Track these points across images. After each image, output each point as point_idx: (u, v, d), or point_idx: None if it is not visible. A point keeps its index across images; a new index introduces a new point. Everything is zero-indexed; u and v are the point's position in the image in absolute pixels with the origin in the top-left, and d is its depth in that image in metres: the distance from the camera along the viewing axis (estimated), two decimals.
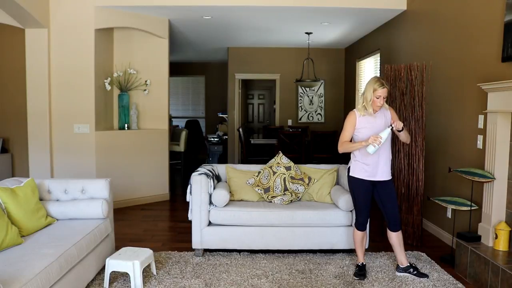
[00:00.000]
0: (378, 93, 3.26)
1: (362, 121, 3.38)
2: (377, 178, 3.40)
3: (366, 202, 3.45)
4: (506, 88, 3.29)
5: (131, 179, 5.98)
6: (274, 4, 5.52)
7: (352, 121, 3.40)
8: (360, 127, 3.38)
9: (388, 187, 3.45)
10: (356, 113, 3.42)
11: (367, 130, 3.35)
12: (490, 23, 3.69)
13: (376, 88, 3.27)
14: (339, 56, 9.35)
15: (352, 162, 3.48)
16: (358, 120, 3.38)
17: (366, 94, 3.32)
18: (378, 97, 3.27)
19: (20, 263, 2.50)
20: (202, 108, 12.47)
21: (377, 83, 3.27)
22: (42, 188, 3.59)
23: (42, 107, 5.40)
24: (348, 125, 3.41)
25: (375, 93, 3.27)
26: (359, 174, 3.41)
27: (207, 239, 3.89)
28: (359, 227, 3.50)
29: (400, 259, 3.52)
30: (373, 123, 3.37)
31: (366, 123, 3.38)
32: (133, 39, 6.24)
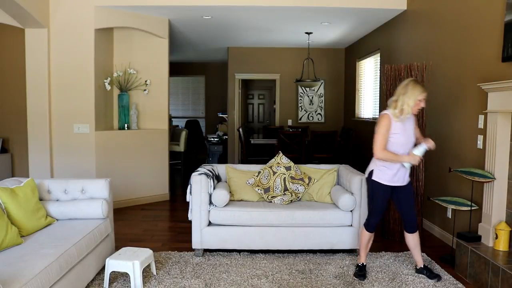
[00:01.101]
0: (422, 97, 3.22)
1: (396, 126, 3.30)
2: (398, 184, 3.39)
3: (383, 206, 3.44)
4: (506, 88, 3.29)
5: (131, 179, 5.98)
6: (274, 4, 5.52)
7: (387, 125, 3.28)
8: (394, 132, 3.29)
9: (407, 190, 3.44)
10: (390, 116, 3.29)
11: (399, 136, 3.29)
12: (490, 23, 3.69)
13: (421, 92, 3.22)
14: (339, 56, 9.35)
15: (376, 166, 3.40)
16: (393, 125, 3.29)
17: (406, 98, 3.21)
18: (421, 100, 3.23)
19: (20, 263, 2.50)
20: (202, 108, 12.47)
21: (419, 87, 3.22)
22: (42, 188, 3.58)
23: (42, 107, 5.40)
24: (385, 129, 3.28)
25: (420, 97, 3.21)
26: (383, 179, 3.37)
27: (207, 239, 3.89)
28: (369, 228, 3.48)
29: (416, 259, 3.54)
30: (405, 129, 3.32)
31: (399, 129, 3.30)
32: (133, 39, 6.24)
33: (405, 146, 3.33)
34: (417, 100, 3.22)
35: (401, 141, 3.30)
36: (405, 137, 3.30)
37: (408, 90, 3.22)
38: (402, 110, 3.24)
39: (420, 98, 3.22)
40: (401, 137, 3.29)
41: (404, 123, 3.30)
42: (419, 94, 3.21)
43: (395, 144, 3.30)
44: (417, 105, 3.24)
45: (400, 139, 3.29)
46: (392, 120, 3.28)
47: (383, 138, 3.28)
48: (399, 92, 3.27)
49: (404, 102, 3.23)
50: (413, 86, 3.21)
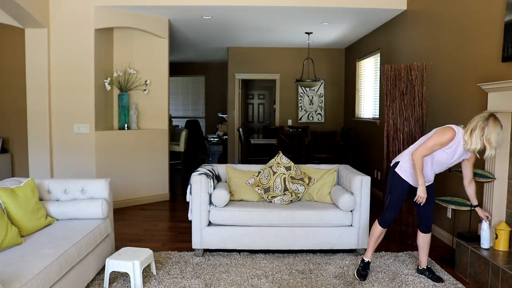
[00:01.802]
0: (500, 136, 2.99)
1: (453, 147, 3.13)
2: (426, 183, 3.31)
3: (399, 201, 3.38)
4: (506, 88, 3.28)
5: (131, 179, 5.98)
6: (274, 4, 5.52)
7: (448, 140, 3.09)
8: (446, 150, 3.15)
9: (429, 190, 3.35)
10: (457, 135, 3.08)
11: (444, 156, 3.17)
12: (490, 23, 3.69)
13: (498, 132, 2.98)
14: (339, 56, 9.35)
15: (404, 160, 3.33)
16: (453, 144, 3.10)
17: (489, 136, 2.95)
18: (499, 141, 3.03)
19: (20, 263, 2.50)
20: (202, 108, 12.47)
21: (500, 125, 2.99)
22: (42, 188, 3.58)
23: (42, 107, 5.40)
24: (442, 141, 3.10)
25: (500, 138, 2.99)
26: (406, 176, 3.31)
27: (207, 239, 3.89)
28: (383, 224, 3.42)
29: (421, 259, 3.52)
30: (458, 155, 3.17)
31: (451, 150, 3.14)
32: (133, 39, 6.24)
33: (440, 166, 3.26)
34: (499, 140, 2.98)
35: (442, 161, 3.20)
36: (448, 160, 3.19)
37: (491, 127, 2.96)
38: (477, 144, 3.00)
39: (500, 137, 2.98)
40: (445, 158, 3.18)
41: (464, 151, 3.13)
42: (499, 132, 2.97)
43: (435, 160, 3.22)
44: (498, 144, 2.99)
45: (442, 158, 3.19)
46: (457, 138, 3.09)
47: (432, 147, 3.14)
48: (477, 123, 3.01)
49: (484, 137, 2.97)
50: (495, 124, 2.97)
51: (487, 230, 3.37)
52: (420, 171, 3.16)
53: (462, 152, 3.15)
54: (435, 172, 3.32)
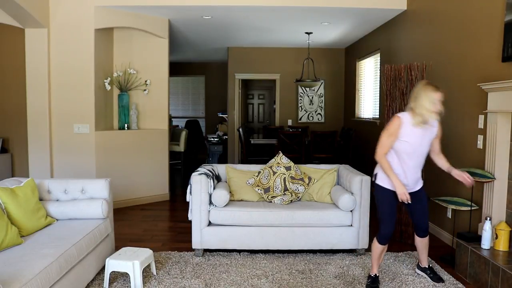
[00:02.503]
0: (437, 97, 2.96)
1: (406, 133, 3.04)
2: (409, 190, 3.16)
3: (391, 212, 3.18)
4: (506, 88, 3.29)
5: (131, 179, 5.98)
6: (274, 4, 5.52)
7: (396, 128, 3.03)
8: (402, 139, 3.05)
9: (418, 196, 3.23)
10: (402, 119, 3.04)
11: (407, 145, 3.04)
12: (490, 23, 3.69)
13: (434, 91, 2.97)
14: (339, 56, 9.35)
15: (380, 169, 3.20)
16: (403, 130, 3.03)
17: (422, 102, 2.97)
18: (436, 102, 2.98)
19: (20, 263, 2.50)
20: (202, 108, 12.47)
21: (430, 87, 2.98)
22: (42, 188, 3.58)
23: (42, 107, 5.40)
24: (391, 131, 3.04)
25: (435, 96, 2.96)
26: (386, 183, 3.16)
27: (207, 239, 3.89)
28: (381, 240, 3.22)
29: (421, 259, 3.48)
30: (420, 137, 3.06)
31: (409, 136, 3.04)
32: (133, 39, 6.24)
33: (414, 157, 3.10)
34: (433, 101, 2.97)
35: (408, 150, 3.06)
36: (413, 148, 3.05)
37: (419, 93, 3.00)
38: (423, 115, 3.00)
39: (435, 97, 2.96)
40: (408, 147, 3.04)
41: (425, 131, 3.05)
42: (432, 93, 2.96)
43: (402, 153, 3.08)
44: (435, 106, 2.98)
45: (407, 148, 3.04)
46: (403, 124, 3.03)
47: (386, 141, 3.07)
48: (412, 97, 3.05)
49: (421, 106, 2.99)
50: (424, 87, 2.99)
51: (488, 231, 3.37)
52: (389, 170, 3.06)
53: (422, 133, 3.04)
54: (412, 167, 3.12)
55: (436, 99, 2.96)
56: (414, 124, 3.01)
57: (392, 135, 3.03)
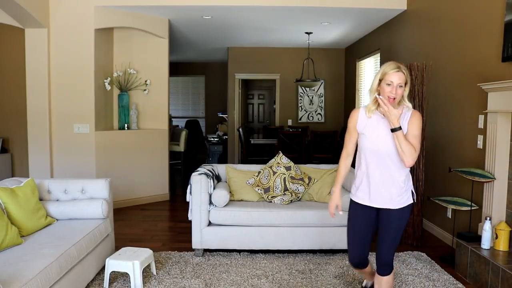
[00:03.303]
0: (389, 78, 2.33)
1: (362, 124, 2.49)
2: (373, 204, 2.50)
3: (354, 232, 2.60)
4: (506, 88, 3.29)
5: (131, 179, 5.98)
6: (274, 4, 5.52)
7: (352, 122, 2.54)
8: (362, 132, 2.50)
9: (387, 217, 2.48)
10: (359, 111, 2.53)
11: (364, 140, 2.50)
12: (490, 23, 3.69)
13: (386, 72, 2.35)
14: (339, 56, 9.35)
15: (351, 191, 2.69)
16: (359, 120, 2.50)
17: (373, 81, 2.44)
18: (389, 84, 2.34)
19: (20, 263, 2.50)
20: (202, 108, 12.47)
21: (390, 65, 2.36)
22: (42, 188, 3.58)
23: (42, 107, 5.40)
24: (349, 126, 2.57)
25: (385, 78, 2.34)
26: (352, 194, 2.63)
27: (207, 239, 3.89)
28: (352, 265, 2.72)
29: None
30: (379, 129, 2.44)
31: (365, 129, 2.48)
32: (133, 39, 6.24)
33: (379, 158, 2.44)
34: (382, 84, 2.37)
35: (369, 147, 2.46)
36: (373, 144, 2.44)
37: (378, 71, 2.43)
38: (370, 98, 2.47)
39: (387, 80, 2.34)
40: (367, 142, 2.47)
41: (384, 121, 2.41)
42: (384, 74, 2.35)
43: (364, 151, 2.50)
44: (383, 90, 2.36)
45: (366, 144, 2.47)
46: (360, 114, 2.51)
47: (346, 139, 2.61)
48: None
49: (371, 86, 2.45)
50: (383, 65, 2.41)
51: (488, 231, 3.37)
52: (338, 175, 2.66)
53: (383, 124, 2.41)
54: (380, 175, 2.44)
55: (389, 80, 2.34)
56: (367, 112, 2.47)
57: (349, 130, 2.57)
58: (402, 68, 2.34)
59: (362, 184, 2.51)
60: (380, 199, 2.47)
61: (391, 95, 2.33)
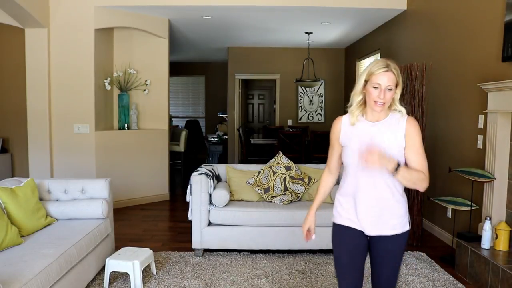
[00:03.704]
0: (376, 80, 1.90)
1: (348, 133, 2.03)
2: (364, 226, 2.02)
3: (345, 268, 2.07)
4: (506, 88, 3.29)
5: (131, 179, 5.98)
6: (274, 4, 5.52)
7: (334, 133, 2.11)
8: (346, 144, 2.04)
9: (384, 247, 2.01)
10: (342, 120, 2.10)
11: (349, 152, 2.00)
12: (490, 23, 3.69)
13: (373, 72, 1.92)
14: (339, 56, 9.35)
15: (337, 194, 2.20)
16: (343, 131, 2.06)
17: (358, 81, 2.03)
18: (376, 87, 1.90)
19: (20, 263, 2.50)
20: (202, 108, 12.47)
21: (377, 64, 1.93)
22: (42, 188, 3.58)
23: (42, 107, 5.40)
24: (331, 139, 2.15)
25: (372, 79, 1.92)
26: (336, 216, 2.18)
27: (207, 239, 3.89)
28: None
29: None
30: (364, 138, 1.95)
31: (352, 137, 2.00)
32: (133, 39, 6.24)
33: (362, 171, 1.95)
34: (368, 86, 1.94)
35: (352, 162, 1.98)
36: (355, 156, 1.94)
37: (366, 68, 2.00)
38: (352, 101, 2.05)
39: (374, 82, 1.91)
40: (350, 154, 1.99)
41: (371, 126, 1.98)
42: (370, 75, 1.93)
43: (348, 166, 2.03)
44: (369, 94, 1.94)
45: (349, 157, 2.00)
46: (342, 123, 2.09)
47: (329, 154, 2.19)
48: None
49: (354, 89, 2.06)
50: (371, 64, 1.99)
51: (488, 230, 3.37)
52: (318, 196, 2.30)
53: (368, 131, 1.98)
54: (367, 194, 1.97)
55: (376, 82, 1.91)
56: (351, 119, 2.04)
57: (332, 143, 2.15)
58: (391, 67, 1.92)
59: (348, 205, 2.06)
60: (371, 225, 1.99)
61: (378, 101, 1.91)
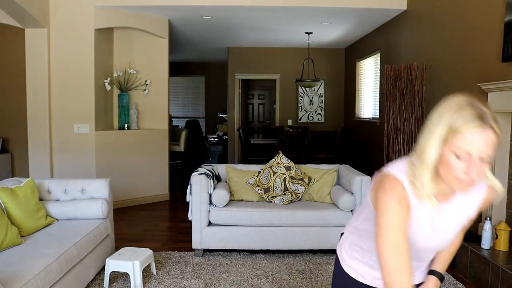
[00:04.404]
0: (464, 144, 1.18)
1: (418, 212, 1.30)
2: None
3: None
4: (506, 88, 3.29)
5: (131, 179, 5.98)
6: (274, 4, 5.52)
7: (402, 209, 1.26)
8: (413, 225, 1.31)
9: None
10: (404, 186, 1.27)
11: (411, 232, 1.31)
12: (490, 23, 3.69)
13: (458, 128, 1.17)
14: (339, 56, 9.35)
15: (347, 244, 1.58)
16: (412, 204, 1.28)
17: (428, 140, 1.23)
18: (458, 156, 1.19)
19: (20, 263, 2.50)
20: (202, 108, 12.47)
21: (464, 113, 1.18)
22: (42, 188, 3.58)
23: (42, 107, 5.40)
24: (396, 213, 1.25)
25: (454, 142, 1.18)
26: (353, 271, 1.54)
27: (207, 239, 3.89)
28: None
29: None
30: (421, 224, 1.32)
31: (425, 217, 1.31)
32: (133, 39, 6.24)
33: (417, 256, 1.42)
34: (448, 152, 1.19)
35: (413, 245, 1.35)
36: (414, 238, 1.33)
37: (434, 121, 1.23)
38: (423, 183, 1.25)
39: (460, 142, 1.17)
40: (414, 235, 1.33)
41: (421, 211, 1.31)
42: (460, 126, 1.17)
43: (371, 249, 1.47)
44: (450, 168, 1.20)
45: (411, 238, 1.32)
46: (409, 195, 1.27)
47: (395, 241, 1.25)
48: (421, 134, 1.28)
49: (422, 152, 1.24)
50: (446, 111, 1.21)
51: (488, 231, 3.36)
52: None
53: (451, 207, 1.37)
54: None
55: (467, 150, 1.18)
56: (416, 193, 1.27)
57: (398, 219, 1.26)
58: (489, 120, 1.19)
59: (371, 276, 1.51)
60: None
61: (463, 179, 1.19)
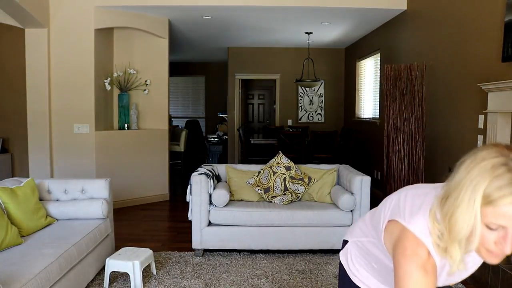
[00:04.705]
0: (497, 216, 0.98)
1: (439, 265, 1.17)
2: None
3: None
4: (506, 88, 3.28)
5: (131, 179, 5.98)
6: (274, 4, 5.52)
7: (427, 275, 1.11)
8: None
9: None
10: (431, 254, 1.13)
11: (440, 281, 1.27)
12: (490, 23, 3.69)
13: (494, 199, 0.97)
14: (339, 56, 9.35)
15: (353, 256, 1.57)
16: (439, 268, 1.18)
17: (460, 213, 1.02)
18: (493, 229, 1.01)
19: (20, 263, 2.50)
20: (202, 108, 12.47)
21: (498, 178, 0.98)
22: (42, 188, 3.58)
23: (42, 107, 5.40)
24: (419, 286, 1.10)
25: (488, 212, 0.99)
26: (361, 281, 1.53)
27: (207, 239, 3.89)
28: None
29: None
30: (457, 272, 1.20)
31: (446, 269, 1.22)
32: (133, 39, 6.24)
33: None
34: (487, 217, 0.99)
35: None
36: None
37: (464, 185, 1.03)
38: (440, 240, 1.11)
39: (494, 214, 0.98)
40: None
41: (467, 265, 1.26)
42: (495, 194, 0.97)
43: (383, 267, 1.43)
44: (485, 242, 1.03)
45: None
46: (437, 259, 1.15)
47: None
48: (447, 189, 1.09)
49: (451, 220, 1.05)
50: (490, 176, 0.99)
51: None
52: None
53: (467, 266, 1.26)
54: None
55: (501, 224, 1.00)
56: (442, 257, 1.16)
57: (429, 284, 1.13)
58: None
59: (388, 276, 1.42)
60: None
61: (494, 251, 1.06)
